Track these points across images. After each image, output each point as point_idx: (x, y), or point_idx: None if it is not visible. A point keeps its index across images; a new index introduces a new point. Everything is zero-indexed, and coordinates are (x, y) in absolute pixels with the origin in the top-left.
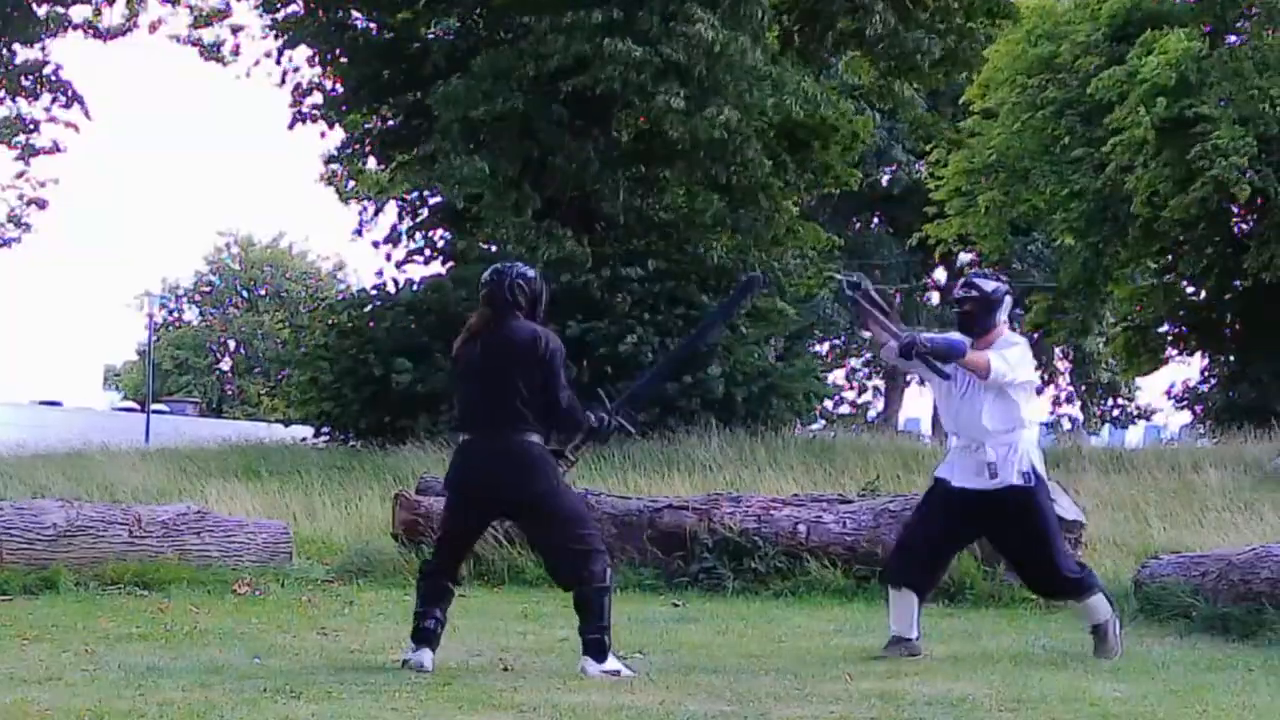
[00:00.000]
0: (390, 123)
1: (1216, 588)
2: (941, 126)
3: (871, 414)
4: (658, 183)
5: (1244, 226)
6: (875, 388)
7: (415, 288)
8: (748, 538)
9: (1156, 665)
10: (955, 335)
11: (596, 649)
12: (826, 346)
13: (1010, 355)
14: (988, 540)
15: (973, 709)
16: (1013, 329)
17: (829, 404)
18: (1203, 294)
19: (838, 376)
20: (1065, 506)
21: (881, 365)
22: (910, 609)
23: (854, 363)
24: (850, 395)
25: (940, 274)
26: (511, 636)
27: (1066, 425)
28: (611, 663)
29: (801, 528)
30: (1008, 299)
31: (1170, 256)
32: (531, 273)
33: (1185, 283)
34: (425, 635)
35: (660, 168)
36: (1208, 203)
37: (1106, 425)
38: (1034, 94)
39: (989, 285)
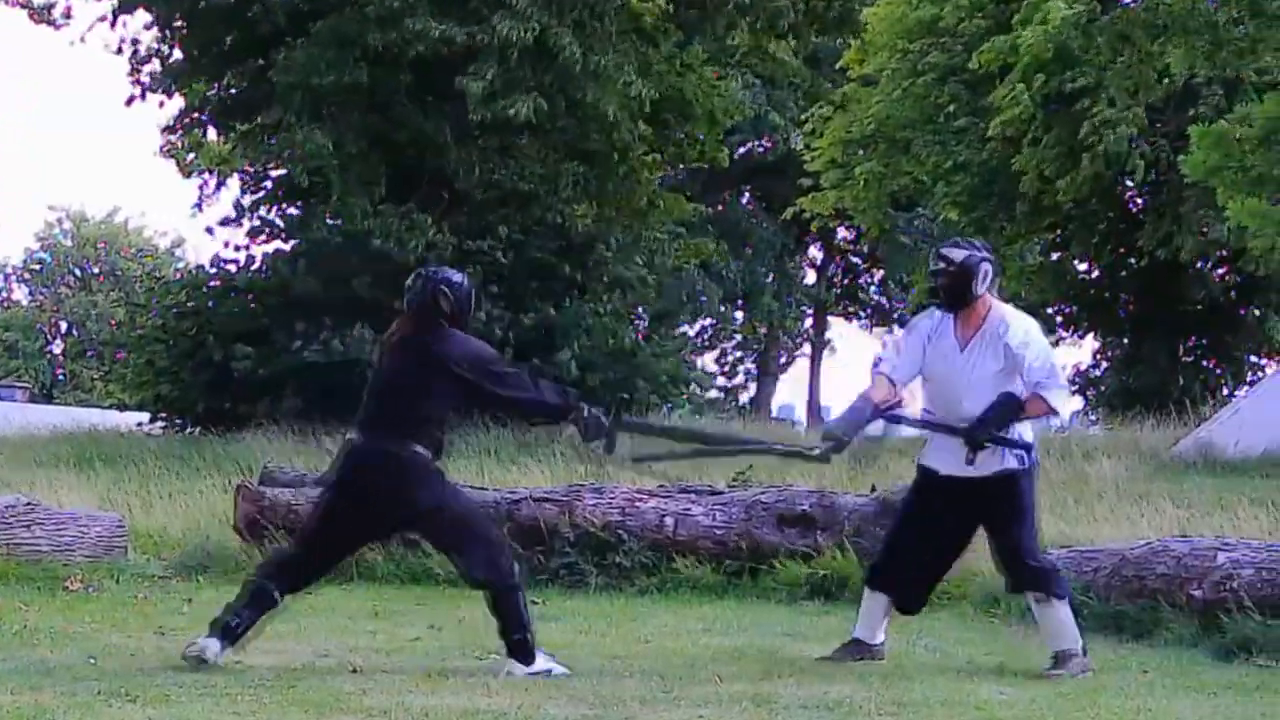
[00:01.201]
0: (232, 90)
1: (1109, 584)
2: (824, 89)
3: (743, 399)
4: (511, 151)
5: (1139, 201)
6: (747, 371)
7: (257, 266)
8: (611, 531)
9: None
10: (1000, 396)
11: (522, 651)
12: (697, 327)
13: (1041, 353)
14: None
15: (850, 713)
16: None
17: (697, 388)
18: (1095, 272)
19: (708, 360)
20: None
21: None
22: (879, 611)
23: (726, 344)
24: (721, 380)
25: (815, 251)
26: (361, 636)
27: None
28: (541, 662)
29: (668, 521)
30: (984, 265)
31: (1061, 233)
32: (458, 278)
33: (1077, 260)
34: (225, 630)
35: (513, 137)
36: (1100, 179)
37: None
38: (916, 59)
39: (960, 254)
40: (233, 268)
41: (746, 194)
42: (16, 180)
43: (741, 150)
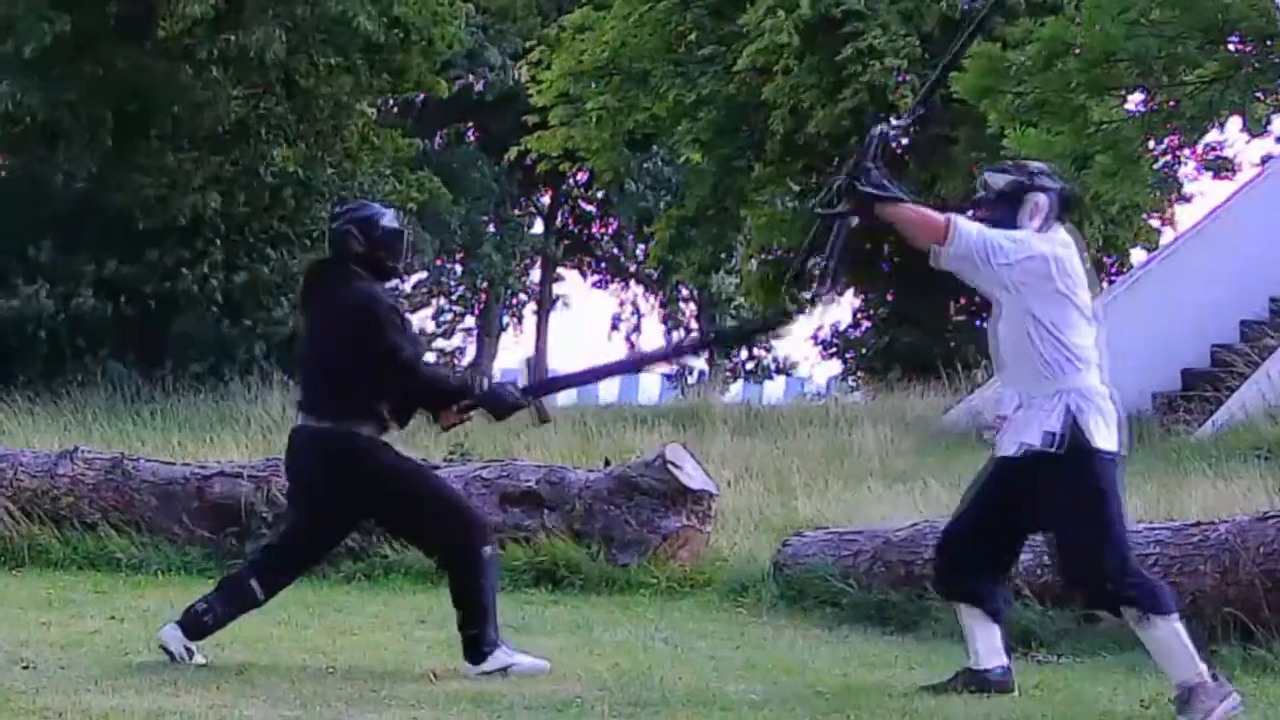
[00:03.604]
0: None
1: (871, 570)
2: (550, 14)
3: (461, 363)
4: (204, 86)
5: (904, 141)
6: (467, 330)
7: None
8: None
9: (800, 662)
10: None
11: (474, 646)
12: (412, 282)
13: (1002, 236)
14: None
15: (581, 714)
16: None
17: None
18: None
19: (425, 318)
20: (691, 474)
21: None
22: (978, 625)
23: (444, 300)
24: (440, 342)
25: (543, 198)
26: (33, 629)
27: (691, 380)
28: (499, 658)
29: None
30: (1036, 196)
31: (816, 176)
32: (374, 213)
33: None
34: (191, 620)
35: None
36: (861, 114)
37: (740, 381)
38: None
39: (1001, 179)
40: None
41: (465, 134)
42: None
43: (459, 84)
